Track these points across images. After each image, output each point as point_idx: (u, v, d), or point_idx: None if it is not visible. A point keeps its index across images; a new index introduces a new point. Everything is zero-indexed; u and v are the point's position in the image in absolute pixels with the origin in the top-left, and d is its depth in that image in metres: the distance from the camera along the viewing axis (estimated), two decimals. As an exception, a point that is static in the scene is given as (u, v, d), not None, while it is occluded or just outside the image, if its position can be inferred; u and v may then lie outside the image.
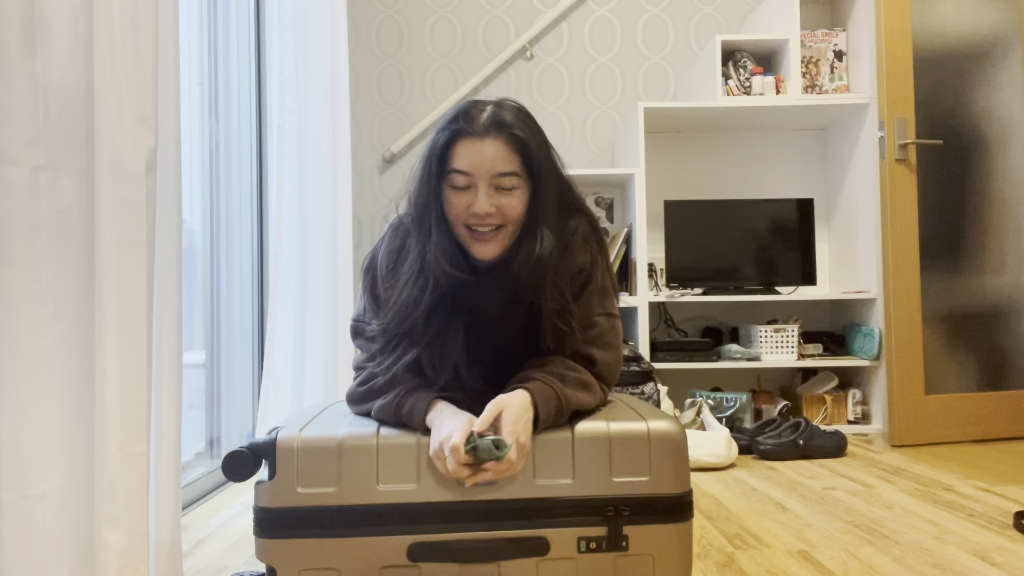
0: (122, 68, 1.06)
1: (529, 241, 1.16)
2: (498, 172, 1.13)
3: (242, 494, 2.04)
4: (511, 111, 1.16)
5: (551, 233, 1.17)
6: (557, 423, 1.12)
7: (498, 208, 1.14)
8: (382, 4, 3.31)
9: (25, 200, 0.89)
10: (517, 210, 1.15)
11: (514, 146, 1.13)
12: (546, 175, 1.18)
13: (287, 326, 2.19)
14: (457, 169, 1.13)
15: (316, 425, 1.12)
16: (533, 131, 1.17)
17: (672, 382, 3.01)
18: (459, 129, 1.13)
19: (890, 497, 1.92)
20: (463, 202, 1.14)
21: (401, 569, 1.06)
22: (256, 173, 2.59)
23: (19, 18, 0.88)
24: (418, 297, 1.15)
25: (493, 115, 1.14)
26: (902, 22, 2.64)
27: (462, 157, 1.13)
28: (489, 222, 1.14)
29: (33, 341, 0.90)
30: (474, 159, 1.12)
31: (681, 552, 1.09)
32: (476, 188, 1.13)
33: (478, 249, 1.16)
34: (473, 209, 1.13)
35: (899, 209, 2.63)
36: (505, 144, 1.13)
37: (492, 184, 1.13)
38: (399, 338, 1.17)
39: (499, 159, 1.12)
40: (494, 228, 1.15)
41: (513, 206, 1.15)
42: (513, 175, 1.14)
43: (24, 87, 0.89)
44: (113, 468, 1.04)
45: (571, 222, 1.25)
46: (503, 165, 1.13)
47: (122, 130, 1.06)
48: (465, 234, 1.16)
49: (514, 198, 1.15)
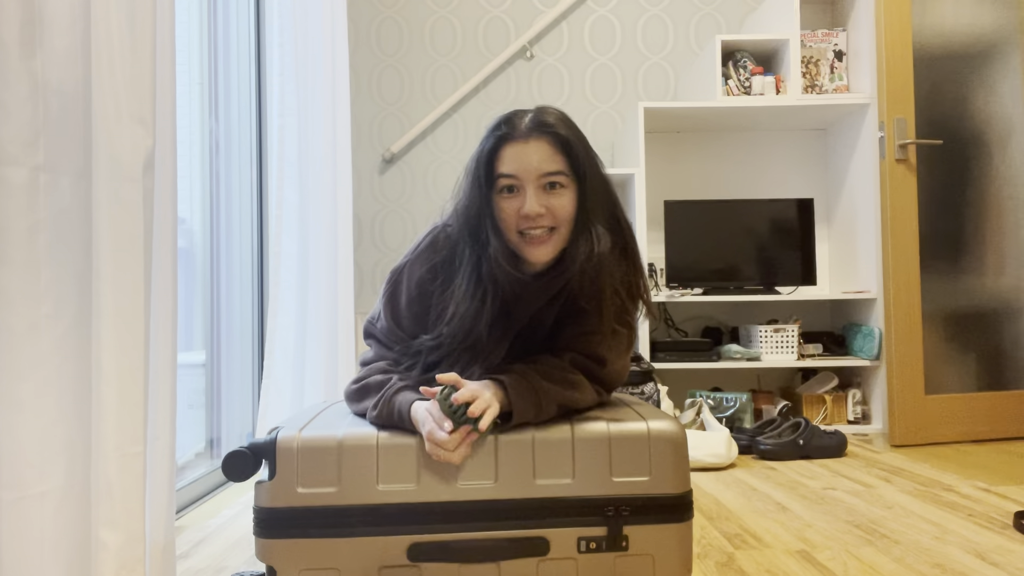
0: (119, 68, 1.06)
1: (584, 241, 1.16)
2: (545, 172, 1.14)
3: (242, 494, 2.04)
4: (553, 115, 1.17)
5: (606, 232, 1.18)
6: (538, 418, 1.12)
7: (548, 208, 1.14)
8: (382, 4, 3.31)
9: (24, 200, 0.89)
10: (567, 209, 1.16)
11: (558, 146, 1.15)
12: (592, 175, 1.18)
13: (287, 326, 2.19)
14: (504, 173, 1.14)
15: (316, 425, 1.12)
16: (575, 132, 1.18)
17: (672, 382, 3.01)
18: (503, 135, 1.15)
19: (890, 497, 1.92)
20: (513, 207, 1.15)
21: (401, 569, 1.06)
22: (256, 173, 2.59)
23: (19, 17, 0.88)
24: (479, 308, 1.15)
25: (535, 119, 1.16)
26: (902, 22, 2.64)
27: (508, 161, 1.14)
28: (541, 224, 1.14)
29: (32, 341, 0.90)
30: (520, 162, 1.13)
31: (681, 552, 1.09)
32: (524, 190, 1.14)
33: (533, 253, 1.16)
34: (524, 211, 1.13)
35: (899, 209, 2.63)
36: (549, 144, 1.14)
37: (540, 185, 1.14)
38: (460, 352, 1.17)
39: (545, 159, 1.14)
40: (547, 230, 1.15)
41: (563, 206, 1.15)
42: (560, 174, 1.15)
43: (23, 87, 0.89)
44: (110, 468, 1.04)
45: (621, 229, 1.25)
46: (549, 165, 1.14)
47: (119, 130, 1.06)
48: (518, 240, 1.17)
49: (563, 198, 1.15)
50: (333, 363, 2.35)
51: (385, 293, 1.28)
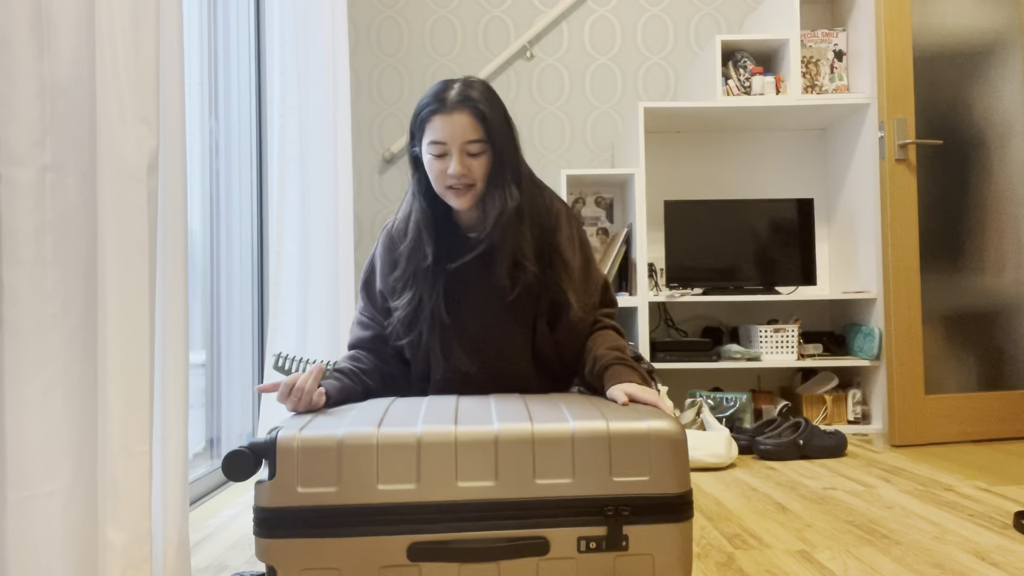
0: (123, 68, 1.06)
1: (499, 196, 1.39)
2: (467, 140, 1.35)
3: (242, 494, 2.04)
4: (476, 89, 1.38)
5: (516, 191, 1.41)
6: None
7: (468, 169, 1.37)
8: (382, 4, 3.31)
9: (32, 200, 0.89)
10: (483, 169, 1.39)
11: (478, 118, 1.35)
12: (504, 144, 1.40)
13: (289, 326, 2.19)
14: (435, 140, 1.36)
15: (316, 425, 1.12)
16: (494, 105, 1.39)
17: (672, 382, 3.01)
18: (434, 109, 1.36)
19: (890, 497, 1.92)
20: (442, 167, 1.37)
21: (401, 569, 1.06)
22: (256, 173, 2.59)
23: (27, 18, 0.88)
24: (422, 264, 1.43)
25: (461, 93, 1.36)
26: (902, 22, 2.64)
27: (438, 130, 1.36)
28: (463, 181, 1.37)
29: (39, 341, 0.90)
30: (447, 131, 1.35)
31: (681, 552, 1.09)
32: (451, 154, 1.36)
33: (456, 201, 1.39)
34: (449, 171, 1.36)
35: (899, 209, 2.63)
36: (471, 116, 1.35)
37: (463, 150, 1.36)
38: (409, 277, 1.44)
39: (467, 130, 1.35)
40: (467, 186, 1.38)
41: (480, 166, 1.38)
42: (478, 142, 1.36)
43: (31, 87, 0.89)
44: (116, 468, 1.04)
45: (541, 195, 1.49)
46: (470, 134, 1.35)
47: (123, 130, 1.06)
48: (445, 192, 1.40)
49: (480, 160, 1.38)
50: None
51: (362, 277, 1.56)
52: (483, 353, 1.45)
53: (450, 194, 1.39)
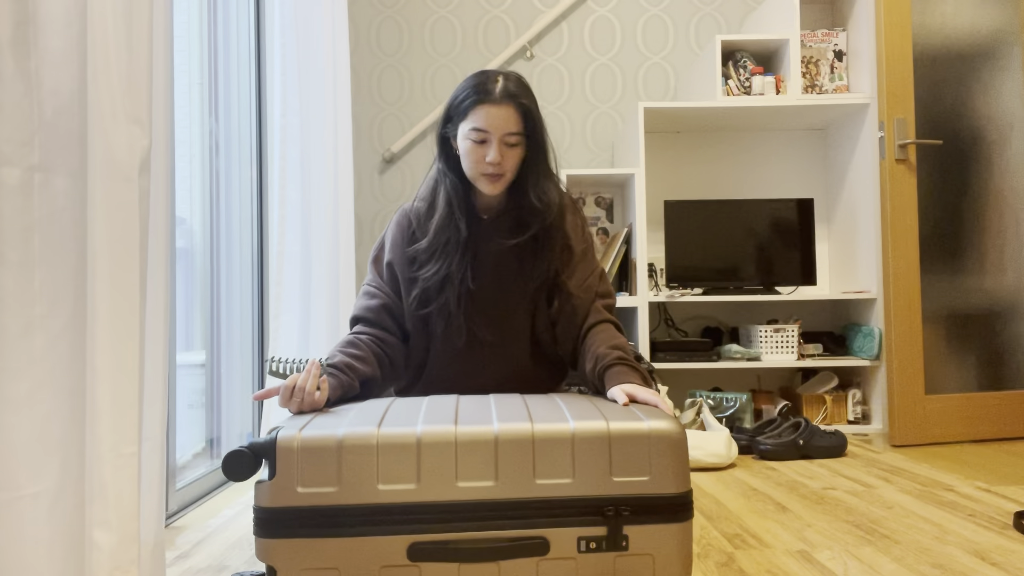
0: (116, 68, 1.06)
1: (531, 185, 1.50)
2: (508, 132, 1.43)
3: (242, 494, 2.04)
4: (518, 84, 1.47)
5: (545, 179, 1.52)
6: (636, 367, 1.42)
7: (504, 159, 1.45)
8: (382, 4, 3.31)
9: (19, 200, 0.88)
10: (516, 161, 1.48)
11: (520, 113, 1.44)
12: (540, 139, 1.50)
13: (291, 325, 2.19)
14: (478, 128, 1.43)
15: (316, 425, 1.12)
16: (534, 104, 1.48)
17: (672, 382, 3.01)
18: (479, 98, 1.43)
19: (890, 497, 1.92)
20: (480, 153, 1.45)
21: (401, 569, 1.06)
22: (256, 173, 2.59)
23: (12, 18, 0.88)
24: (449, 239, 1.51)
25: (506, 88, 1.44)
26: (902, 22, 2.64)
27: (482, 118, 1.43)
28: (499, 170, 1.45)
29: (27, 341, 0.89)
30: (492, 121, 1.43)
31: (681, 552, 1.09)
32: (491, 143, 1.43)
33: (488, 187, 1.47)
34: (489, 159, 1.43)
35: (899, 209, 2.63)
36: (515, 111, 1.44)
37: (503, 141, 1.44)
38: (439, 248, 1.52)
39: (510, 122, 1.43)
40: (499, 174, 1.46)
41: (514, 157, 1.47)
42: (517, 135, 1.45)
43: (18, 87, 0.88)
44: (104, 469, 1.04)
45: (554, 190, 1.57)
46: (512, 127, 1.44)
47: (115, 130, 1.06)
48: (478, 176, 1.47)
49: (516, 151, 1.47)
50: (333, 363, 2.35)
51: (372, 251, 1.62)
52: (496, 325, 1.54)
53: (483, 180, 1.47)
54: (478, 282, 1.52)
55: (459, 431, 1.08)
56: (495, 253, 1.53)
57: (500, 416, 1.14)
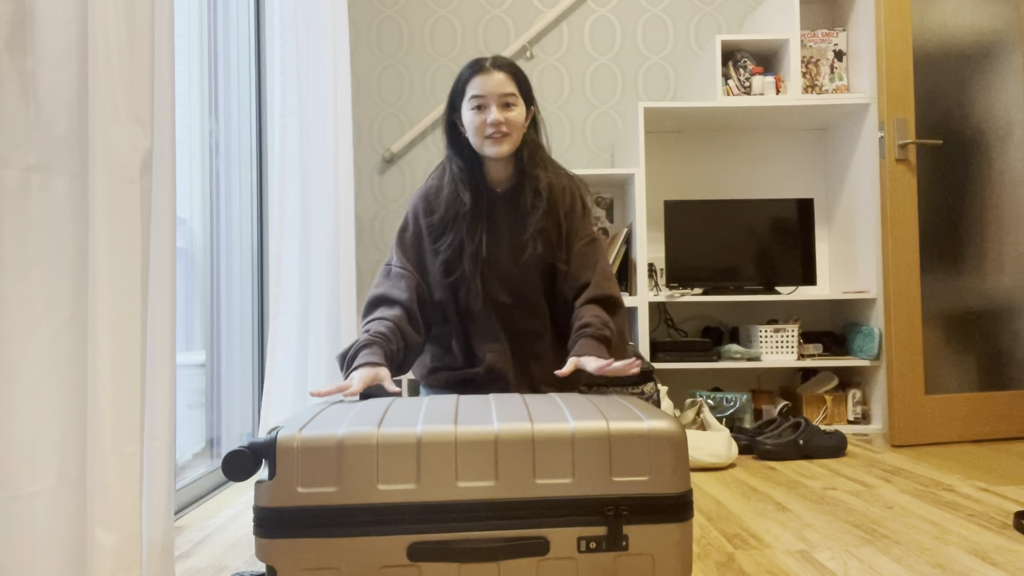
0: (117, 68, 1.06)
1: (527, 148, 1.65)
2: (503, 93, 1.59)
3: (242, 494, 2.04)
4: (507, 58, 1.66)
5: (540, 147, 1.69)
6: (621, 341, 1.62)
7: (506, 119, 1.59)
8: (382, 4, 3.31)
9: (15, 201, 0.88)
10: (518, 120, 1.61)
11: (511, 77, 1.61)
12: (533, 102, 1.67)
13: (289, 326, 2.19)
14: (476, 95, 1.59)
15: (316, 424, 1.12)
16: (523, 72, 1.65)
17: (672, 382, 3.01)
18: (474, 71, 1.61)
19: (890, 497, 1.92)
20: (482, 118, 1.59)
21: (401, 569, 1.06)
22: (256, 173, 2.59)
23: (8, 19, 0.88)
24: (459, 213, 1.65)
25: (496, 59, 1.63)
26: (902, 22, 2.64)
27: (478, 86, 1.60)
28: (501, 130, 1.58)
29: (23, 341, 0.89)
30: (486, 86, 1.59)
31: (681, 552, 1.09)
32: (489, 107, 1.59)
33: (495, 149, 1.60)
34: (489, 120, 1.58)
35: (899, 209, 2.63)
36: (506, 75, 1.60)
37: (500, 103, 1.59)
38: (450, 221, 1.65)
39: (503, 84, 1.59)
40: (503, 135, 1.59)
41: (515, 117, 1.61)
42: (513, 95, 1.60)
43: (13, 88, 0.88)
44: (106, 468, 1.04)
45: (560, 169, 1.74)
46: (506, 88, 1.59)
47: (117, 130, 1.06)
48: (483, 142, 1.60)
49: (515, 111, 1.61)
50: (335, 363, 2.35)
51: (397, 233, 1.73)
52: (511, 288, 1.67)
53: (488, 143, 1.60)
54: (492, 250, 1.66)
55: (459, 431, 1.08)
56: (509, 222, 1.67)
57: (500, 416, 1.14)
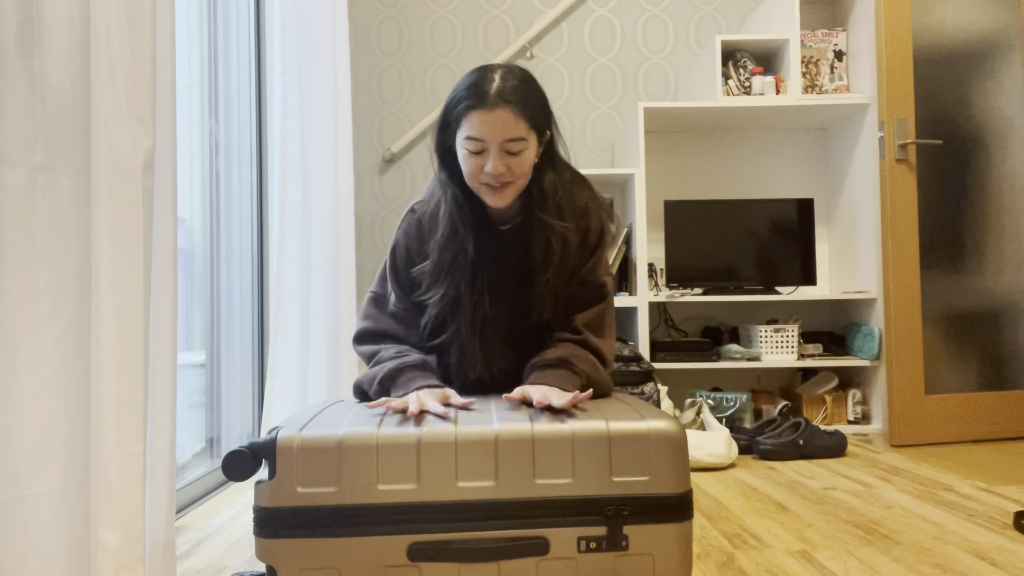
0: (119, 68, 1.06)
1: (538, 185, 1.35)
2: (507, 139, 1.26)
3: (242, 494, 2.04)
4: (518, 77, 1.29)
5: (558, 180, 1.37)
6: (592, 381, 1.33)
7: (508, 167, 1.28)
8: (382, 4, 3.31)
9: (22, 200, 0.88)
10: (525, 166, 1.30)
11: (521, 111, 1.26)
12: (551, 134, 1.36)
13: (291, 326, 2.19)
14: (472, 137, 1.27)
15: (316, 424, 1.12)
16: (537, 100, 1.31)
17: (672, 382, 3.01)
18: (472, 103, 1.26)
19: (890, 497, 1.92)
20: (479, 164, 1.28)
21: (401, 569, 1.06)
22: (256, 173, 2.59)
23: (16, 18, 0.88)
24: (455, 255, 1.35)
25: (500, 89, 1.26)
26: (902, 22, 2.64)
27: (476, 126, 1.26)
28: (502, 180, 1.29)
29: (29, 341, 0.89)
30: (486, 128, 1.25)
31: (681, 552, 1.09)
32: (489, 152, 1.27)
33: (493, 200, 1.31)
34: (487, 170, 1.27)
35: (899, 209, 2.63)
36: (512, 113, 1.25)
37: (502, 148, 1.27)
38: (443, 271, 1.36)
39: (508, 126, 1.25)
40: (504, 184, 1.30)
41: (521, 164, 1.29)
42: (520, 140, 1.27)
43: (21, 87, 0.89)
44: (109, 468, 1.04)
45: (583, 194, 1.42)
46: (511, 132, 1.26)
47: (119, 130, 1.06)
48: (480, 188, 1.32)
49: (522, 156, 1.29)
50: (336, 363, 2.35)
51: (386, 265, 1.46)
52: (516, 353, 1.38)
53: (485, 191, 1.31)
54: (496, 304, 1.36)
55: (459, 431, 1.08)
56: (515, 269, 1.36)
57: (500, 416, 1.14)
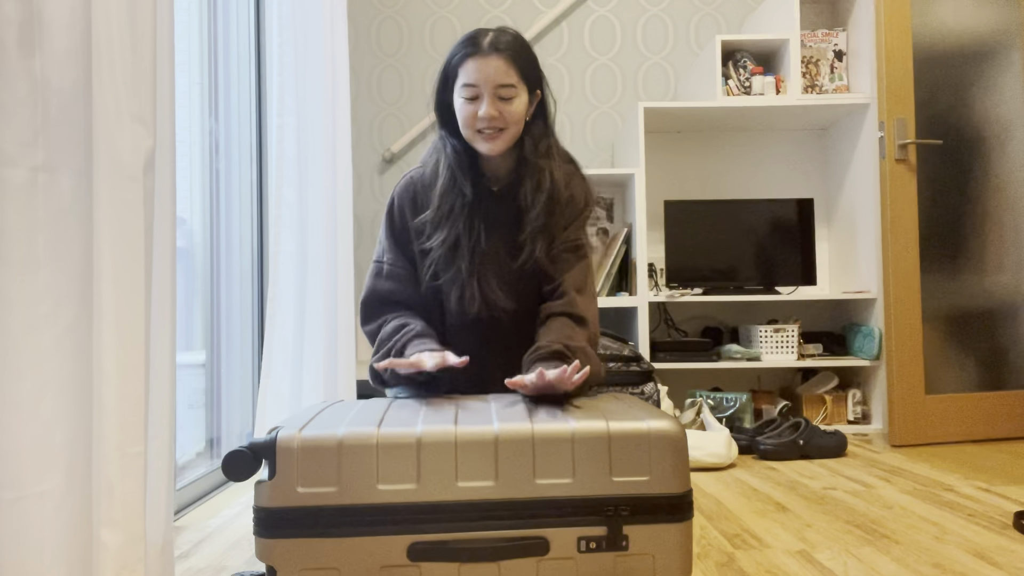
0: (120, 68, 1.06)
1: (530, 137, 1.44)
2: (500, 84, 1.36)
3: (242, 494, 2.04)
4: (510, 34, 1.40)
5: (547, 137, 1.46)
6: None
7: (501, 112, 1.37)
8: (382, 4, 3.31)
9: (23, 200, 0.88)
10: (517, 113, 1.39)
11: (512, 61, 1.36)
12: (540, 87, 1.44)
13: (286, 325, 2.19)
14: (467, 83, 1.36)
15: (316, 424, 1.12)
16: (528, 51, 1.41)
17: (672, 382, 3.01)
18: (468, 52, 1.37)
19: (890, 497, 1.92)
20: (473, 110, 1.37)
21: (401, 569, 1.06)
22: (256, 173, 2.59)
23: (17, 18, 0.88)
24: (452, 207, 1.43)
25: (494, 39, 1.37)
26: (902, 22, 2.64)
27: (470, 72, 1.36)
28: (494, 125, 1.37)
29: (31, 341, 0.89)
30: (480, 73, 1.35)
31: (681, 552, 1.09)
32: (483, 97, 1.36)
33: (487, 146, 1.39)
34: (481, 114, 1.36)
35: (899, 209, 2.63)
36: (504, 60, 1.36)
37: (495, 94, 1.36)
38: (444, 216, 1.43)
39: (500, 73, 1.35)
40: (498, 129, 1.38)
41: (513, 110, 1.38)
42: (511, 87, 1.37)
43: (22, 87, 0.89)
44: (110, 468, 1.04)
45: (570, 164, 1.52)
46: (503, 78, 1.36)
47: (120, 130, 1.06)
48: (474, 136, 1.40)
49: (513, 104, 1.38)
50: (332, 363, 2.35)
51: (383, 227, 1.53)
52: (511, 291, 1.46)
53: (479, 138, 1.39)
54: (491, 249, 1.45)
55: (459, 431, 1.08)
56: (506, 223, 1.46)
57: (500, 416, 1.14)
